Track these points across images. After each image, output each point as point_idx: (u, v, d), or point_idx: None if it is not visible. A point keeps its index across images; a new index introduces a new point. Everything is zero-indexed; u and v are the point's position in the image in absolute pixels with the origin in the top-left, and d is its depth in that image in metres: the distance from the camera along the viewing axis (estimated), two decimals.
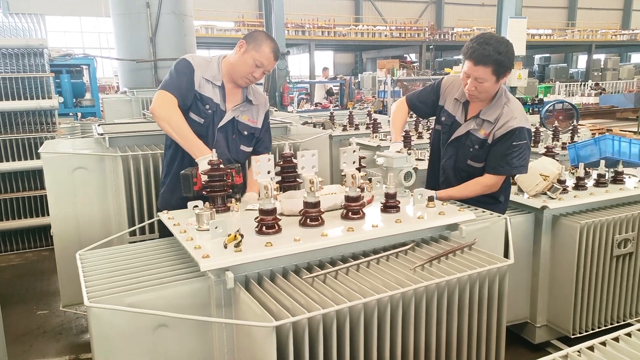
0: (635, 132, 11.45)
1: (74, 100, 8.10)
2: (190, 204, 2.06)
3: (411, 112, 2.95)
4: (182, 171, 2.19)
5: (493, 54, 2.37)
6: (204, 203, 2.06)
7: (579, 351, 1.17)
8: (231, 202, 2.14)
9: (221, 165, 2.08)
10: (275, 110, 6.68)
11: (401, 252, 1.84)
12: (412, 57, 26.01)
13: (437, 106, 2.77)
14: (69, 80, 7.86)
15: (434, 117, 2.88)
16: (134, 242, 2.22)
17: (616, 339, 1.22)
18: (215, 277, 1.62)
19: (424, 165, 3.23)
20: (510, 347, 2.38)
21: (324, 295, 1.51)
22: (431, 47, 24.14)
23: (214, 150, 2.16)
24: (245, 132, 2.58)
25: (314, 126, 5.37)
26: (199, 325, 1.65)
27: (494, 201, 2.64)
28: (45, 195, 4.55)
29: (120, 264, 1.81)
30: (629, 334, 1.24)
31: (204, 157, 2.23)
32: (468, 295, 1.69)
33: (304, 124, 5.57)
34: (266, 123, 2.69)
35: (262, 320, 1.39)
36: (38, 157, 4.55)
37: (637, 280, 2.90)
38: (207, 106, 2.45)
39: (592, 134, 5.54)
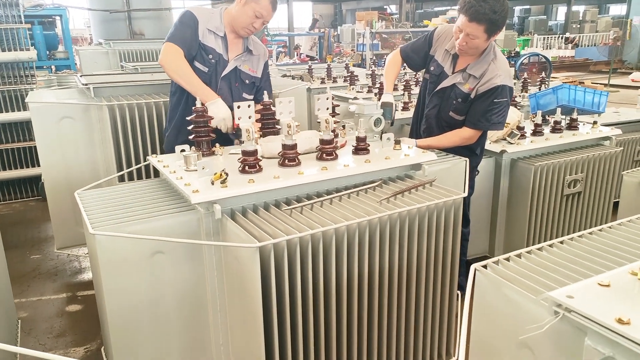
0: (605, 85, 11.78)
1: (47, 52, 7.94)
2: (178, 147, 2.23)
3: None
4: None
5: (489, 12, 2.37)
6: (190, 147, 2.24)
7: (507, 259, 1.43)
8: (215, 147, 2.32)
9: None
10: None
11: (369, 188, 2.07)
12: (392, 8, 25.60)
13: (429, 56, 2.80)
14: (41, 32, 7.67)
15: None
16: None
17: (541, 248, 1.48)
18: (205, 210, 1.83)
19: (396, 115, 3.40)
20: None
21: (301, 223, 1.74)
22: None
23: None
24: (247, 81, 2.74)
25: (293, 79, 5.48)
26: (191, 251, 1.87)
27: (471, 153, 2.76)
28: (29, 147, 4.69)
29: (116, 200, 1.99)
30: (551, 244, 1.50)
31: (212, 101, 2.41)
32: (427, 223, 1.94)
33: (283, 76, 5.67)
34: (266, 73, 2.84)
35: (247, 242, 1.62)
36: (17, 109, 4.60)
37: (584, 217, 3.22)
38: (210, 56, 2.59)
39: None
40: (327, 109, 2.18)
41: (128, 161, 3.18)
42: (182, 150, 2.19)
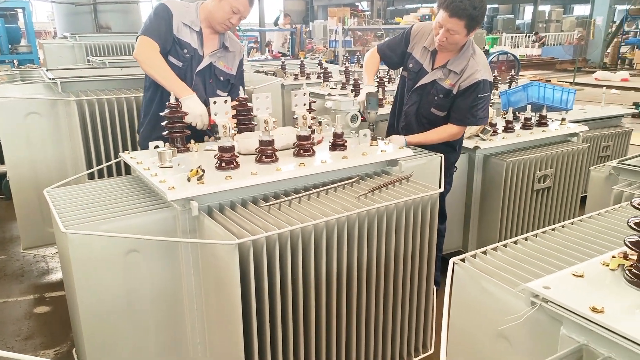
0: (570, 83, 12.15)
1: (9, 46, 7.65)
2: (152, 144, 2.18)
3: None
4: None
5: (469, 8, 2.39)
6: (164, 144, 2.19)
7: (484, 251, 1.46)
8: (190, 143, 2.28)
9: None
10: None
11: (347, 184, 2.07)
12: (364, 5, 25.72)
13: (406, 53, 2.80)
14: (2, 25, 7.39)
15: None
16: None
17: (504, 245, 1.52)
18: (181, 207, 1.80)
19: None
20: (445, 273, 2.73)
21: (279, 219, 1.73)
22: None
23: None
24: (222, 78, 2.69)
25: (266, 74, 5.44)
26: (167, 249, 1.83)
27: (451, 149, 2.80)
28: None
29: (88, 198, 1.94)
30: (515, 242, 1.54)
31: (187, 97, 2.35)
32: (404, 218, 1.96)
33: (256, 72, 5.62)
34: (240, 70, 2.80)
35: (225, 240, 1.60)
36: None
37: (553, 211, 3.32)
38: (185, 50, 2.54)
39: None
40: (304, 105, 2.17)
41: (98, 158, 3.10)
42: (156, 147, 2.15)
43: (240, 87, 2.46)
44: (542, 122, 3.39)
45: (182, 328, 1.97)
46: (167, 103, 2.19)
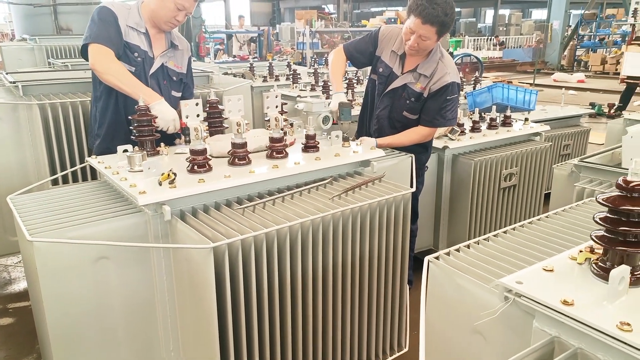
0: (530, 84, 12.55)
1: None
2: (120, 148, 2.13)
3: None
4: None
5: (441, 15, 2.42)
6: (133, 147, 2.14)
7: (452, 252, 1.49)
8: (160, 146, 2.24)
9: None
10: (193, 61, 6.54)
11: (320, 185, 2.08)
12: (330, 8, 25.87)
13: (374, 56, 2.81)
14: None
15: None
16: None
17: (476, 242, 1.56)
18: (152, 212, 1.76)
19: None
20: (417, 272, 2.77)
21: (254, 222, 1.71)
22: None
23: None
24: (174, 78, 2.62)
25: (234, 76, 5.40)
26: (138, 256, 1.79)
27: (423, 150, 2.85)
28: None
29: (54, 205, 1.87)
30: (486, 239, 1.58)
31: (157, 102, 2.28)
32: (378, 217, 1.98)
33: (224, 74, 5.57)
34: (190, 68, 2.74)
35: (199, 244, 1.57)
36: None
37: (519, 208, 3.42)
38: (136, 54, 2.44)
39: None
40: (276, 106, 2.16)
41: (62, 164, 3.00)
42: (125, 151, 2.10)
43: (194, 86, 2.38)
44: (506, 122, 3.49)
45: (155, 336, 1.93)
46: (136, 107, 2.15)
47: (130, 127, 2.18)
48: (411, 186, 2.27)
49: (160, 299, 1.88)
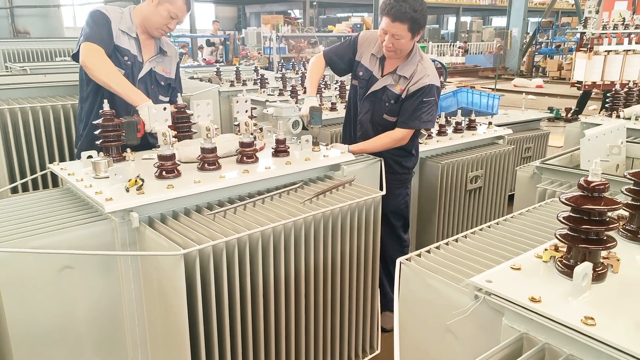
0: (492, 89, 12.92)
1: None
2: (84, 154, 2.07)
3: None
4: (125, 119, 2.16)
5: (409, 11, 2.41)
6: (98, 153, 2.09)
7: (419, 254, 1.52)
8: (126, 152, 2.19)
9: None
10: None
11: (292, 189, 2.08)
12: (297, 13, 25.95)
13: (354, 62, 2.78)
14: None
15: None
16: None
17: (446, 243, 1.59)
18: (120, 219, 1.72)
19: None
20: None
21: (226, 227, 1.70)
22: (314, 3, 24.31)
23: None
24: (162, 83, 2.64)
25: (201, 81, 5.34)
26: (104, 265, 1.74)
27: (407, 154, 2.79)
28: None
29: (14, 213, 1.80)
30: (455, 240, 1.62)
31: (145, 104, 2.25)
32: (349, 221, 1.99)
33: (190, 78, 5.50)
34: (178, 73, 2.76)
35: (169, 251, 1.54)
36: None
37: (485, 210, 3.51)
38: (126, 57, 2.46)
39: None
40: (246, 111, 2.15)
41: (22, 171, 2.89)
42: (89, 157, 2.04)
43: (179, 94, 2.42)
44: (471, 126, 3.58)
45: (123, 346, 1.87)
46: (100, 111, 2.09)
47: (95, 133, 2.13)
48: (380, 189, 2.30)
49: (128, 309, 1.83)
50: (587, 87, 8.07)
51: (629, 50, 7.67)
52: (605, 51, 7.80)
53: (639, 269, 1.25)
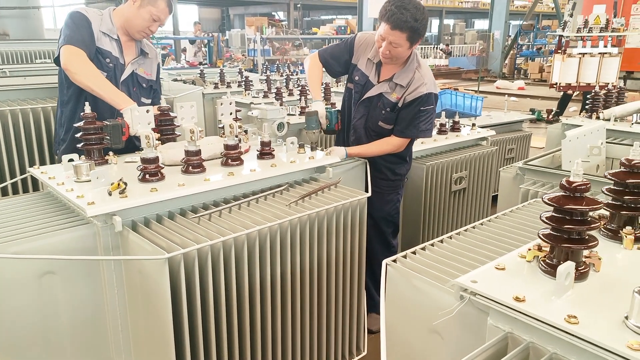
0: (475, 91, 13.06)
1: None
2: (65, 157, 2.04)
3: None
4: (109, 122, 2.12)
5: (410, 20, 2.34)
6: (80, 157, 2.05)
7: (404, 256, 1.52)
8: (108, 155, 2.16)
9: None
10: None
11: (277, 192, 2.07)
12: (281, 15, 25.93)
13: (350, 64, 2.72)
14: None
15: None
16: None
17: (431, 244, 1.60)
18: (102, 223, 1.69)
19: (294, 120, 3.47)
20: None
21: (210, 230, 1.68)
22: (299, 5, 24.32)
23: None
24: (144, 85, 2.61)
25: (184, 83, 5.29)
26: (86, 269, 1.71)
27: (401, 160, 2.76)
28: None
29: None
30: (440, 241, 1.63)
31: (129, 107, 2.21)
32: (335, 223, 1.99)
33: (174, 80, 5.45)
34: (158, 75, 2.74)
35: (153, 255, 1.52)
36: None
37: (469, 210, 3.54)
38: (108, 60, 2.43)
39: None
40: (231, 113, 2.14)
41: (1, 175, 2.84)
42: (71, 160, 2.01)
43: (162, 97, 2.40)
44: (455, 128, 3.61)
45: (106, 352, 1.84)
46: (81, 114, 2.06)
47: (76, 135, 2.09)
48: (366, 191, 2.30)
49: (111, 314, 1.80)
50: (562, 87, 8.23)
51: (605, 53, 7.82)
52: (580, 54, 7.95)
53: (620, 267, 1.28)
